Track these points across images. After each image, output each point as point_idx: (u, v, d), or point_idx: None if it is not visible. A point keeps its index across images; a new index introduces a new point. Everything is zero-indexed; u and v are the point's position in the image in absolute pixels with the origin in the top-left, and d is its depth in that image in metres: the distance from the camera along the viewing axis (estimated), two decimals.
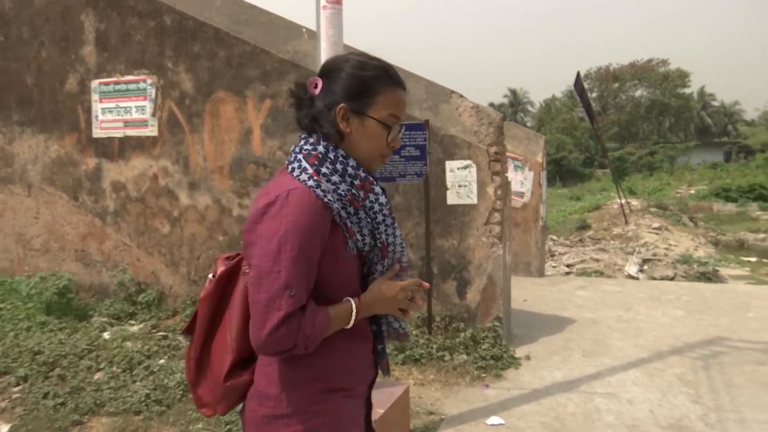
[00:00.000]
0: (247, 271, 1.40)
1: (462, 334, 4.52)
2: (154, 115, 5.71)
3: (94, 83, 5.93)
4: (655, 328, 5.25)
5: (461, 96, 4.82)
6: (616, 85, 51.21)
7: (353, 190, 1.37)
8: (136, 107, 5.79)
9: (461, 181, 4.61)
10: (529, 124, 56.36)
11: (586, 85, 52.31)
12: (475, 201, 4.62)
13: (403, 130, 1.52)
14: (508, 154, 7.38)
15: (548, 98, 53.91)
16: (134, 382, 4.09)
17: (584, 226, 13.04)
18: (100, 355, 4.53)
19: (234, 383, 1.45)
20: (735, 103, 56.85)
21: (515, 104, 60.95)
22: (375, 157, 1.44)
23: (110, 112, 5.90)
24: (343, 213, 1.36)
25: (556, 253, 11.08)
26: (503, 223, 4.63)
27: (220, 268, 1.51)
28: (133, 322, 5.64)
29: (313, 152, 1.38)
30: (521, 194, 7.32)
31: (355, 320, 1.39)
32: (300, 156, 1.38)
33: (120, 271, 5.95)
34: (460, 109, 4.72)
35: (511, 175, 7.33)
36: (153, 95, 5.69)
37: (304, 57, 5.13)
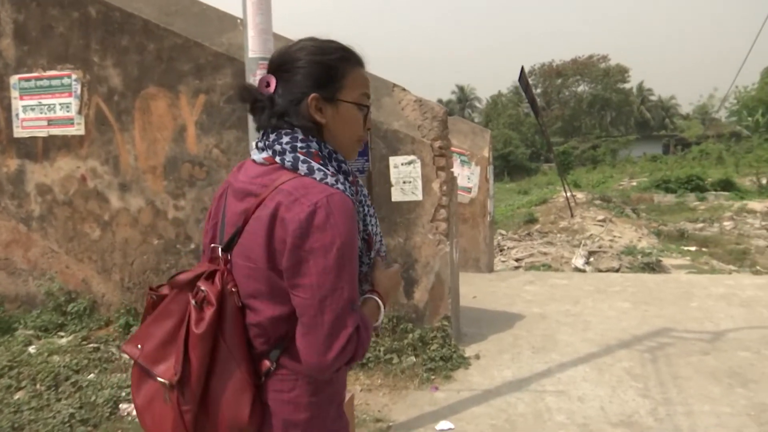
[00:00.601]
0: (234, 290, 1.26)
1: (410, 336, 4.39)
2: (80, 112, 5.34)
3: (14, 79, 5.51)
4: (602, 322, 5.26)
5: (404, 89, 4.68)
6: (559, 80, 52.45)
7: (352, 187, 1.31)
8: (60, 104, 5.41)
9: (405, 177, 4.48)
10: (476, 120, 57.12)
11: (530, 81, 53.39)
12: (420, 197, 4.50)
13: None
14: (454, 149, 7.30)
15: (495, 94, 54.76)
16: (59, 400, 3.78)
17: (532, 220, 13.18)
18: (22, 372, 4.19)
19: (252, 421, 1.26)
20: (671, 98, 59.14)
21: (463, 100, 61.64)
22: (354, 143, 1.36)
23: (32, 109, 5.50)
24: (360, 214, 1.32)
25: (505, 248, 11.14)
26: (450, 219, 4.52)
27: (213, 291, 1.24)
28: (62, 333, 5.27)
29: (312, 150, 1.28)
30: (468, 189, 7.26)
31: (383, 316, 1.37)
32: (299, 155, 1.26)
33: (48, 280, 5.56)
34: (403, 103, 4.58)
35: (457, 170, 7.27)
36: (78, 91, 5.32)
37: (240, 49, 4.86)
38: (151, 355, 1.28)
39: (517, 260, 10.28)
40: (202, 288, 1.25)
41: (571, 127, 51.47)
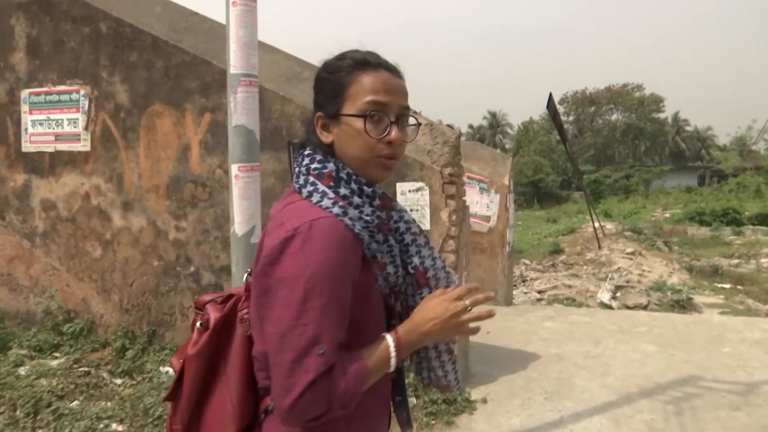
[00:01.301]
0: (246, 317, 1.21)
1: (411, 375, 4.08)
2: (86, 128, 5.25)
3: (24, 93, 5.46)
4: (624, 366, 4.86)
5: (415, 112, 4.46)
6: (593, 108, 51.80)
7: (378, 213, 1.16)
8: (67, 120, 5.33)
9: (413, 205, 4.22)
10: (507, 146, 56.79)
11: (562, 109, 52.89)
12: (427, 227, 4.23)
13: (408, 122, 1.23)
14: (473, 175, 7.03)
15: (526, 121, 54.29)
16: (34, 429, 3.59)
17: (557, 250, 12.74)
18: (3, 396, 4.01)
19: None
20: (708, 129, 57.83)
21: (494, 126, 61.40)
22: (367, 160, 1.17)
23: (41, 124, 5.43)
24: (373, 244, 1.15)
25: (528, 279, 10.74)
26: (459, 251, 4.24)
27: (213, 315, 1.22)
28: (57, 354, 5.11)
29: (325, 171, 1.17)
30: (487, 218, 6.96)
31: (397, 359, 1.13)
32: (310, 177, 1.17)
33: (47, 298, 5.44)
34: None
35: (476, 197, 6.99)
36: (86, 107, 5.23)
37: None
38: None
39: (539, 292, 9.87)
40: (208, 311, 1.24)
41: (604, 156, 50.63)
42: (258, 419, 1.19)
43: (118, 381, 4.62)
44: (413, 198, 4.23)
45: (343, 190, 1.14)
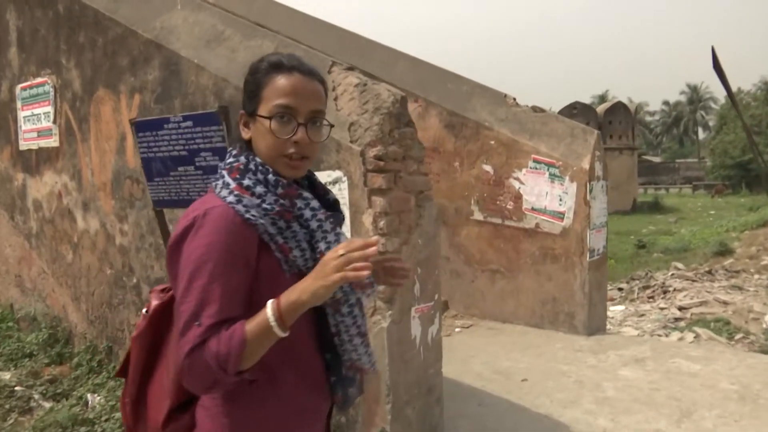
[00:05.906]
0: None
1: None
2: (55, 121, 4.77)
3: (18, 89, 5.18)
4: None
5: (349, 69, 3.10)
6: None
7: (281, 201, 1.24)
8: (44, 114, 4.92)
9: None
10: (711, 123, 49.26)
11: None
12: (347, 236, 2.89)
13: (321, 124, 1.30)
14: (540, 158, 5.32)
15: (734, 92, 46.34)
16: None
17: (723, 251, 9.88)
18: None
19: (173, 428, 1.31)
20: None
21: (694, 101, 53.76)
22: (275, 158, 1.27)
23: (29, 120, 5.10)
24: (271, 229, 1.23)
25: (671, 289, 8.37)
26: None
27: (153, 302, 1.38)
28: (33, 364, 4.73)
29: (235, 164, 1.28)
30: (560, 215, 5.18)
31: (280, 321, 1.14)
32: (224, 171, 1.29)
33: (36, 302, 5.16)
34: (339, 90, 3.01)
35: (545, 188, 5.29)
36: (53, 98, 4.75)
37: (169, 34, 3.80)
38: None
39: (681, 309, 7.58)
40: (151, 299, 1.39)
41: None
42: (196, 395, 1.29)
43: (47, 404, 4.05)
44: None
45: (246, 182, 1.23)
